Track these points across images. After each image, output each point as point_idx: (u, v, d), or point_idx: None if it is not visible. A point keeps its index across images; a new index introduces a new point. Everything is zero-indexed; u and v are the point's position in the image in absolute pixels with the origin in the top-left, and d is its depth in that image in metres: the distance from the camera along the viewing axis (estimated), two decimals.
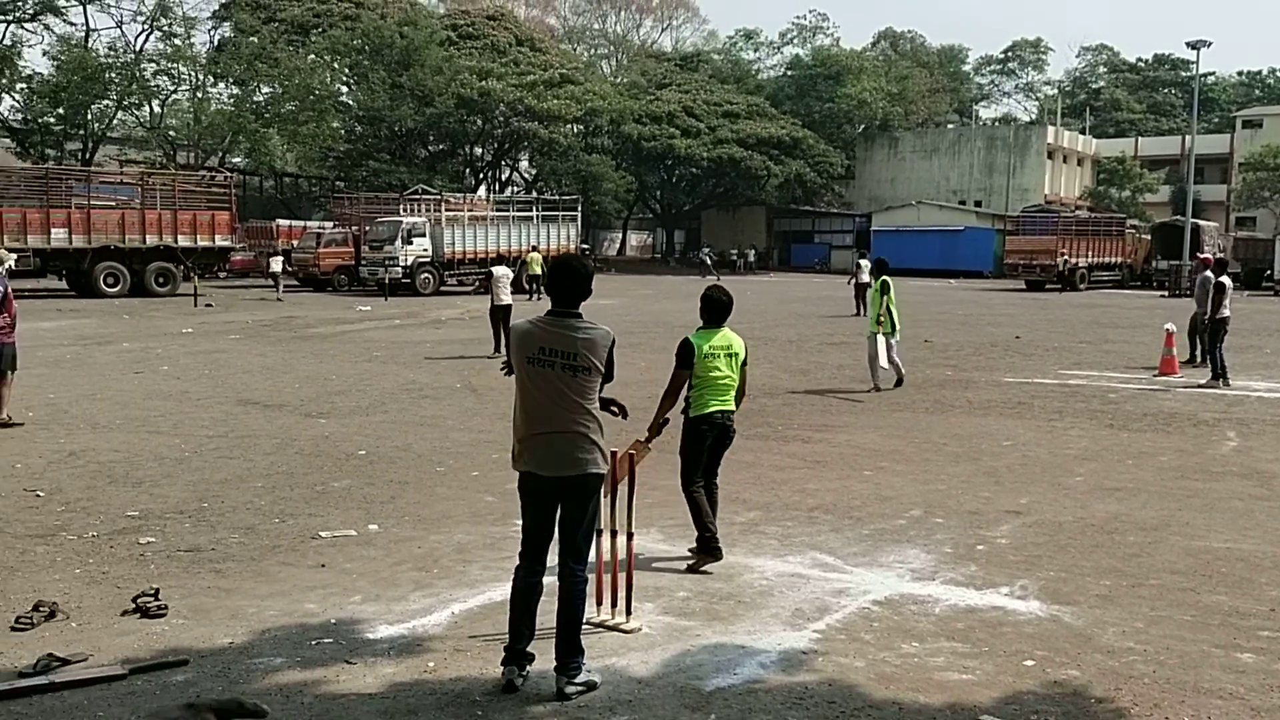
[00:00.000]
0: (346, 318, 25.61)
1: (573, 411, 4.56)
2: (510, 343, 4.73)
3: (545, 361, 4.53)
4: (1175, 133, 74.49)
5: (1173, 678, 4.76)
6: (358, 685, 4.57)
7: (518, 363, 4.62)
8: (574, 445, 4.57)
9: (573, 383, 4.54)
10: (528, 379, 4.59)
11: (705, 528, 6.40)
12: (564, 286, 4.64)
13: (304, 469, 8.92)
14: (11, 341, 10.79)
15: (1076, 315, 28.82)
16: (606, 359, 4.63)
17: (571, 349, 4.53)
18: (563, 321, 4.59)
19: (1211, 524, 7.44)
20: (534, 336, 4.57)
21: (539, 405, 4.58)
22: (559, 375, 4.53)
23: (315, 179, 59.31)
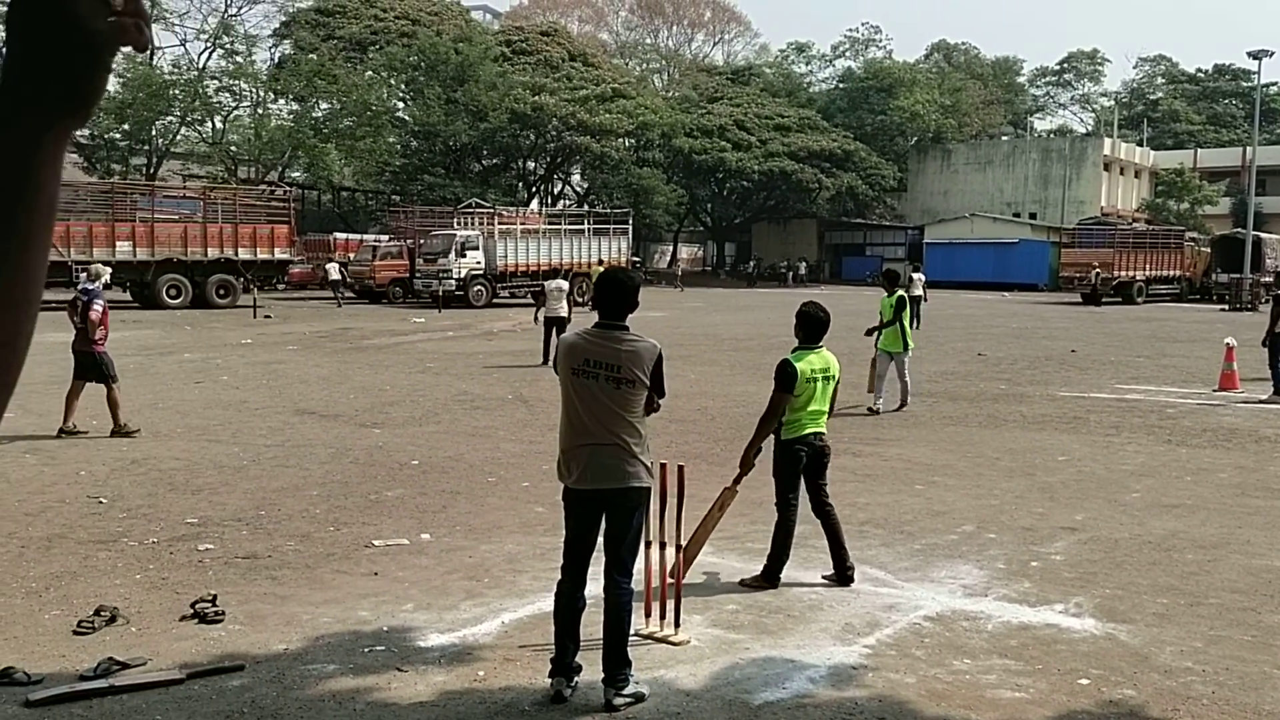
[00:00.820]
0: (401, 329, 25.90)
1: (616, 424, 4.57)
2: (558, 354, 4.77)
3: (590, 373, 4.56)
4: (1236, 144, 73.01)
5: (1232, 699, 4.67)
6: (409, 693, 4.62)
7: (564, 374, 4.64)
8: (616, 458, 4.58)
9: (616, 395, 4.55)
10: (573, 391, 4.62)
11: (784, 553, 6.30)
12: (610, 299, 4.67)
13: (358, 478, 9.04)
14: (106, 352, 11.19)
15: (1134, 329, 28.33)
16: (653, 373, 4.63)
17: (615, 361, 4.55)
18: (608, 334, 4.62)
19: (1273, 542, 7.28)
20: (580, 349, 4.61)
21: (583, 417, 4.60)
22: (602, 387, 4.55)
23: (371, 193, 60.14)
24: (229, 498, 8.28)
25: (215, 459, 9.80)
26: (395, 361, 18.55)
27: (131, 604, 5.73)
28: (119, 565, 6.49)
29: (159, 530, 7.29)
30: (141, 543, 6.98)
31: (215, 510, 7.86)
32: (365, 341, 22.48)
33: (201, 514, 7.75)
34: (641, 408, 4.65)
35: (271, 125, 49.24)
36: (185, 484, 8.76)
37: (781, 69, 79.32)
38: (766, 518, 7.82)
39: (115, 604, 5.63)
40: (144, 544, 6.95)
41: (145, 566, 6.47)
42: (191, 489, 8.58)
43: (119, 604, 5.65)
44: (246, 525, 7.45)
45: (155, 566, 6.47)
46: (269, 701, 4.51)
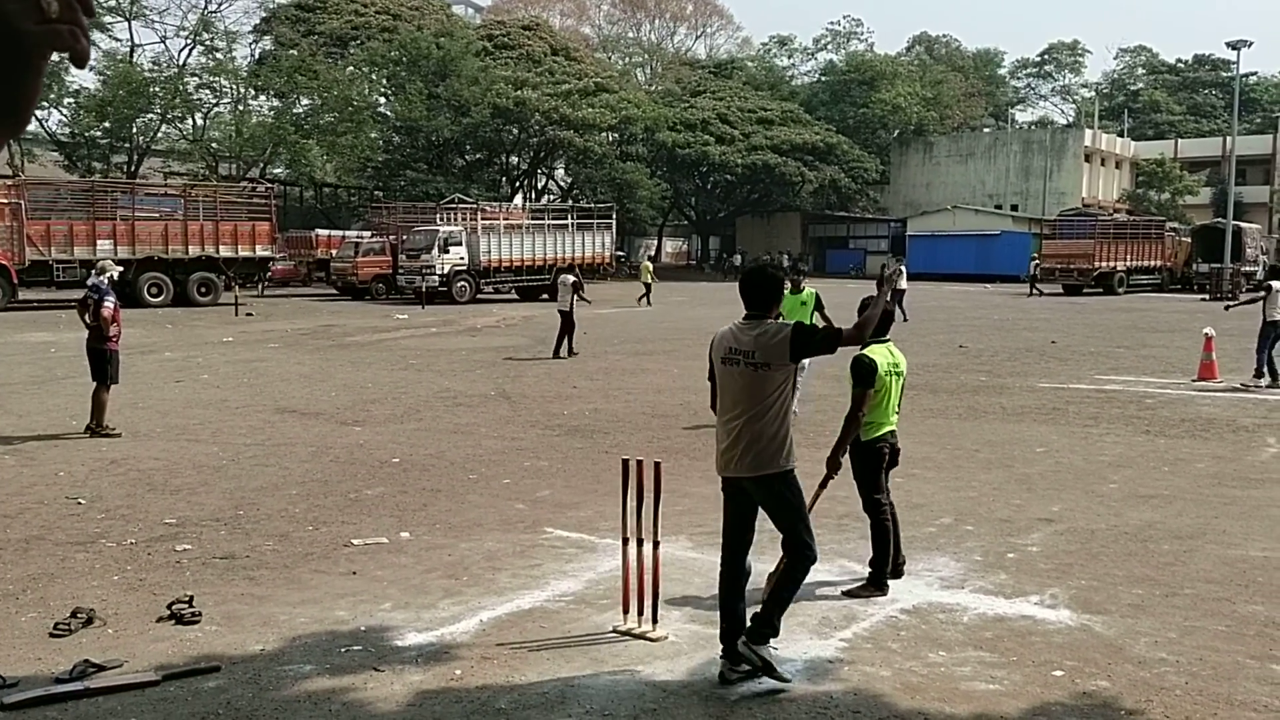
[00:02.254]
0: (384, 326, 25.83)
1: (757, 408, 4.81)
2: (711, 347, 5.09)
3: (733, 360, 4.88)
4: (1216, 134, 73.42)
5: (1206, 689, 4.70)
6: (385, 693, 4.62)
7: (715, 364, 5.02)
8: (757, 443, 4.81)
9: (754, 378, 4.81)
10: (721, 378, 4.97)
11: (898, 551, 6.24)
12: (752, 293, 4.98)
13: (338, 476, 9.03)
14: (119, 351, 11.15)
15: (1114, 319, 28.48)
16: (792, 343, 4.78)
17: (751, 348, 4.83)
18: (750, 324, 4.93)
19: (1249, 532, 7.34)
20: (726, 338, 4.97)
21: (728, 403, 4.92)
22: (744, 372, 4.84)
23: (354, 189, 59.88)
24: (208, 498, 8.25)
25: (194, 459, 9.77)
26: (377, 358, 18.51)
27: (109, 605, 5.71)
28: (96, 566, 6.46)
29: (137, 531, 7.26)
30: (119, 544, 6.96)
31: (194, 510, 7.83)
32: (347, 339, 22.42)
33: (180, 514, 7.72)
34: (781, 391, 4.84)
35: (252, 122, 48.99)
36: (164, 484, 8.72)
37: (764, 62, 79.38)
38: None
39: (92, 606, 5.61)
40: (122, 545, 6.93)
41: (123, 568, 6.45)
42: (170, 489, 8.55)
43: (96, 606, 5.63)
44: (225, 525, 7.43)
45: (133, 568, 6.45)
46: (244, 703, 4.50)
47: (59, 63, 1.32)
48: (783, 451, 4.84)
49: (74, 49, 0.97)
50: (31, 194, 30.97)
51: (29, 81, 0.99)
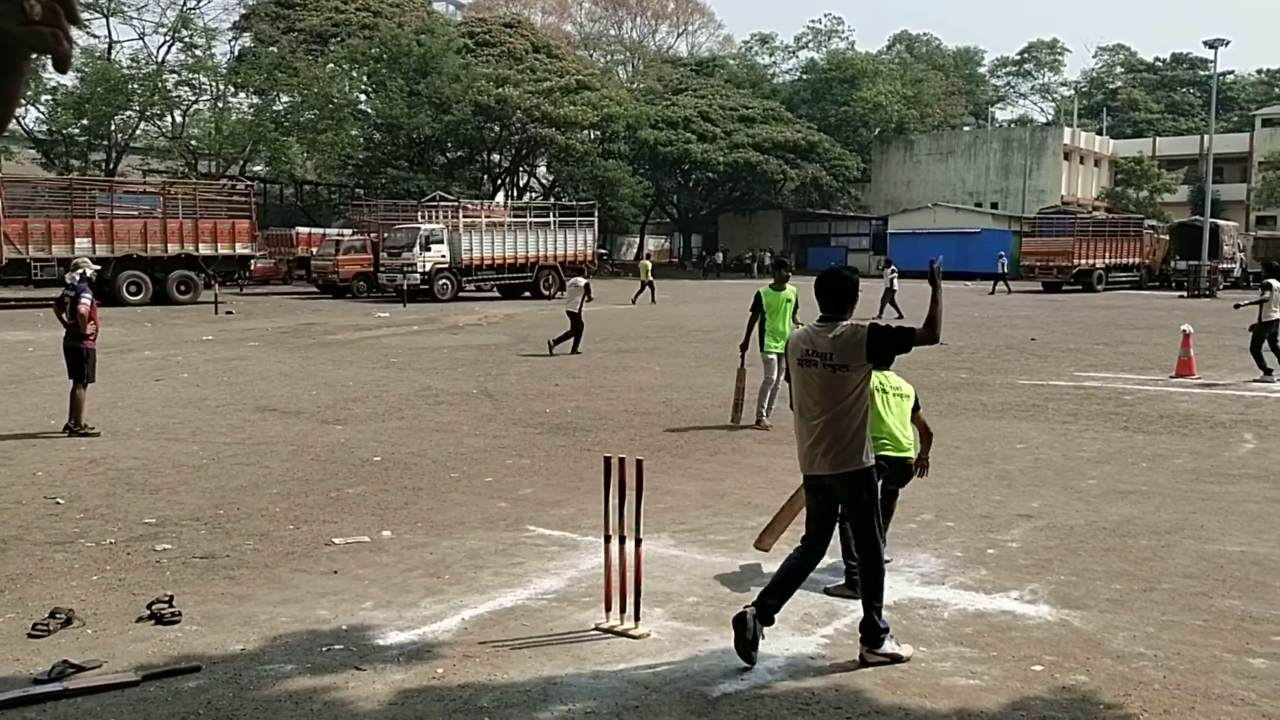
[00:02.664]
0: (365, 324, 25.75)
1: (837, 408, 4.93)
2: (787, 349, 5.26)
3: (811, 362, 5.02)
4: (1194, 132, 74.02)
5: (1183, 683, 4.74)
6: (366, 692, 4.61)
7: (792, 365, 5.17)
8: (839, 441, 4.95)
9: (833, 379, 4.94)
10: (800, 379, 5.11)
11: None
12: (827, 295, 5.13)
13: (319, 475, 8.99)
14: (95, 349, 11.07)
15: (1093, 317, 28.67)
16: (869, 343, 4.90)
17: (828, 349, 4.96)
18: (825, 326, 5.07)
19: (1226, 527, 7.40)
20: (803, 340, 5.13)
21: (808, 403, 5.06)
22: (822, 373, 4.98)
23: (334, 187, 59.66)
24: (188, 497, 8.21)
25: (174, 458, 9.71)
26: (358, 357, 18.44)
27: (88, 606, 5.67)
28: (75, 567, 6.42)
29: (116, 531, 7.22)
30: (98, 543, 6.91)
31: (173, 510, 7.79)
32: (328, 337, 22.33)
33: (160, 514, 7.68)
34: (859, 391, 4.95)
35: (232, 119, 48.71)
36: (143, 483, 8.67)
37: (745, 60, 79.53)
38: (729, 509, 7.88)
39: (71, 606, 5.57)
40: (101, 545, 6.88)
41: (102, 567, 6.41)
42: (150, 488, 8.50)
43: (75, 606, 5.60)
44: (205, 525, 7.39)
45: (112, 567, 6.41)
46: (225, 702, 4.48)
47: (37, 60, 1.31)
48: (863, 450, 4.98)
49: (56, 52, 0.97)
50: (9, 192, 30.72)
51: (10, 82, 1.00)
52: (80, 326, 10.80)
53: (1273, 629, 5.41)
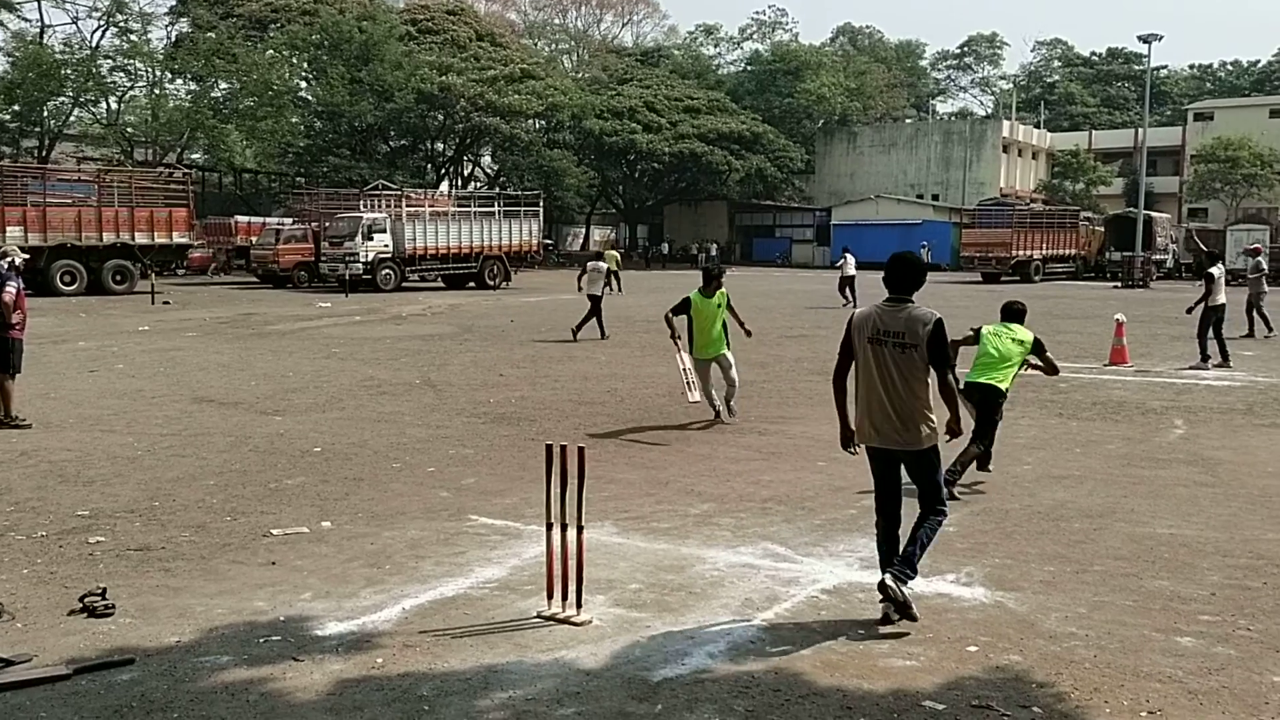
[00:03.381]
0: (306, 314, 25.43)
1: (904, 385, 5.24)
2: (852, 327, 5.45)
3: (881, 340, 5.27)
4: (1128, 126, 75.54)
5: (1113, 662, 4.85)
6: (304, 682, 4.57)
7: (859, 344, 5.38)
8: (904, 417, 5.26)
9: (901, 358, 5.23)
10: (870, 357, 5.33)
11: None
12: (898, 277, 5.39)
13: (257, 466, 8.87)
14: (22, 339, 10.77)
15: (1031, 306, 28.95)
16: (930, 339, 5.22)
17: (900, 328, 5.24)
18: (896, 306, 5.33)
19: (1156, 510, 7.58)
20: (872, 320, 5.36)
21: (876, 380, 5.30)
22: (892, 352, 5.24)
23: (274, 175, 58.79)
24: (122, 489, 8.06)
25: (108, 449, 9.52)
26: (299, 347, 18.22)
27: (18, 599, 5.55)
28: (5, 560, 6.27)
29: (48, 523, 7.06)
30: (30, 536, 6.76)
31: (107, 502, 7.64)
32: (268, 327, 22.02)
33: (93, 506, 7.53)
34: (925, 371, 5.26)
35: (169, 106, 47.79)
36: (76, 475, 8.50)
37: (690, 51, 79.69)
38: (672, 497, 7.91)
39: (0, 600, 5.45)
40: (32, 538, 6.73)
41: (33, 561, 6.27)
42: (83, 480, 8.33)
43: (4, 600, 5.47)
44: (140, 517, 7.26)
45: (43, 560, 6.28)
46: (159, 695, 4.41)
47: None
48: (928, 425, 5.30)
49: None
50: None
51: None
52: (4, 315, 10.53)
53: (1199, 608, 5.55)
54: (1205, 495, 8.04)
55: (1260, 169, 58.49)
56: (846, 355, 5.52)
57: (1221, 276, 15.76)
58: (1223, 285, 15.73)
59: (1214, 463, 9.23)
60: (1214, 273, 15.74)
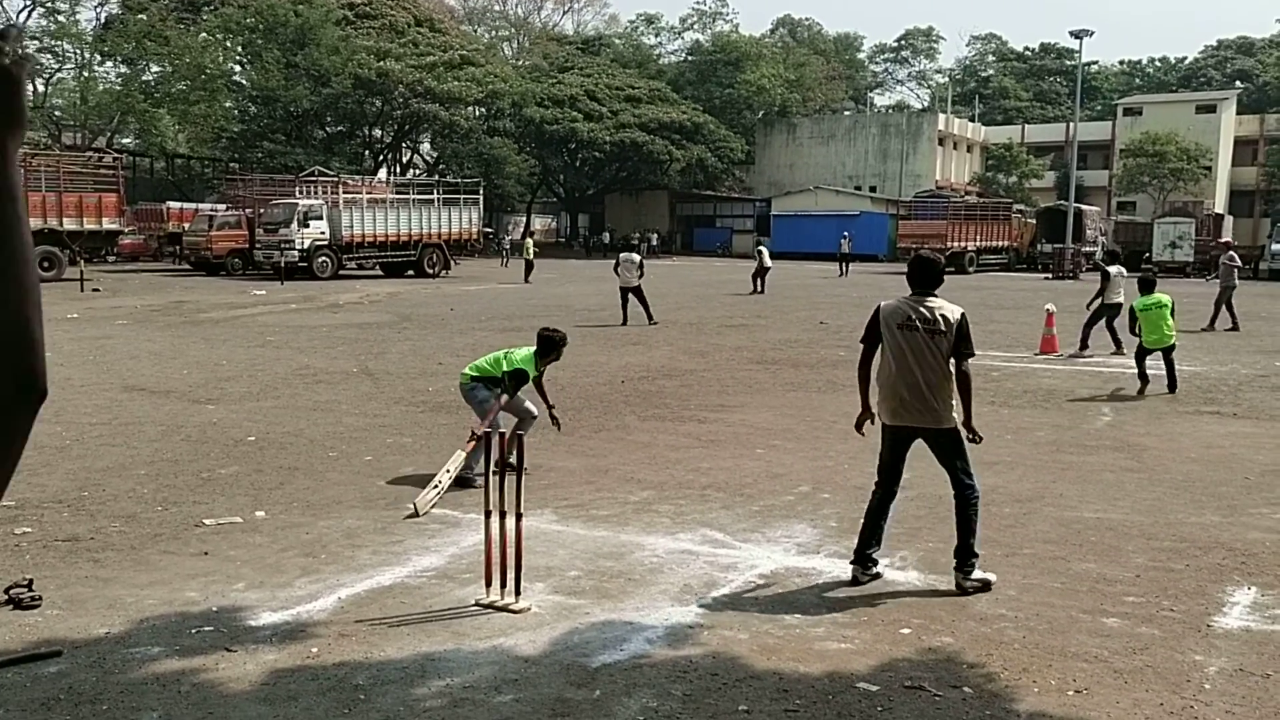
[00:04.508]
0: (240, 302, 25.00)
1: (932, 369, 5.66)
2: (880, 317, 5.82)
3: (911, 327, 5.69)
4: (1060, 120, 76.89)
5: (1041, 642, 4.97)
6: (237, 673, 4.51)
7: (888, 330, 5.76)
8: (931, 397, 5.66)
9: (931, 344, 5.67)
10: (902, 341, 5.71)
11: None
12: (922, 274, 5.87)
13: (190, 456, 8.72)
14: None
15: (964, 297, 29.46)
16: (958, 330, 5.69)
17: (931, 316, 5.69)
18: (924, 299, 5.80)
19: (1084, 495, 7.76)
20: (902, 310, 5.77)
21: (905, 364, 5.68)
22: (924, 338, 5.67)
23: (208, 160, 57.65)
24: (49, 479, 7.87)
25: (35, 438, 9.16)
26: (233, 335, 17.92)
27: None
28: None
29: None
30: None
31: (34, 492, 7.46)
32: (201, 315, 21.63)
33: (19, 496, 7.33)
34: (949, 356, 5.69)
35: (98, 89, 46.61)
36: None
37: (631, 40, 79.55)
38: (612, 485, 7.93)
39: None
40: None
41: None
42: None
43: None
44: (68, 507, 7.11)
45: None
46: (88, 687, 4.33)
47: None
48: (952, 408, 5.72)
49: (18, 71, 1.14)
50: None
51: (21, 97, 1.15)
52: None
53: (1125, 590, 5.70)
54: (1131, 480, 8.25)
55: (1186, 164, 59.92)
56: (871, 343, 5.93)
57: (1119, 276, 16.07)
58: (1120, 285, 15.99)
59: (1139, 449, 9.47)
60: (1111, 271, 16.14)
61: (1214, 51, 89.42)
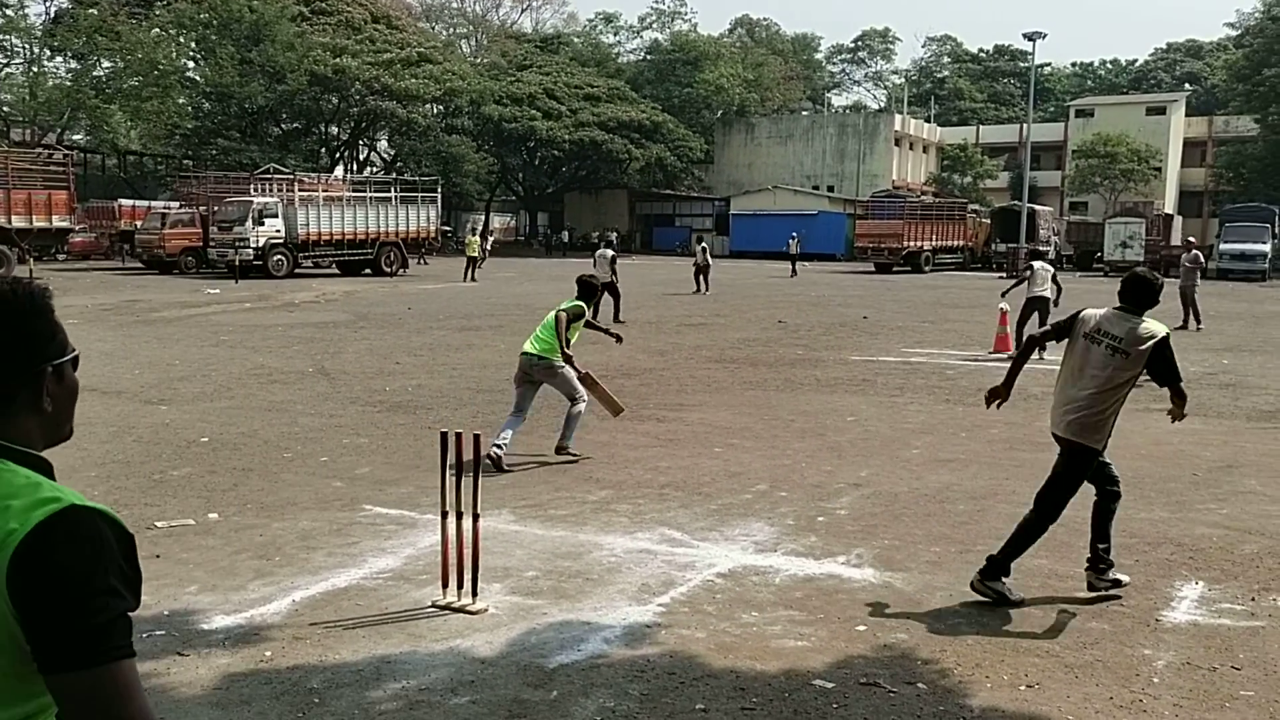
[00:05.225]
0: (194, 301, 24.66)
1: (1097, 386, 5.44)
2: (1077, 319, 5.68)
3: (1097, 339, 5.50)
4: (1014, 121, 77.86)
5: (994, 638, 5.03)
6: (189, 676, 4.45)
7: (1077, 336, 5.60)
8: (1085, 413, 5.46)
9: (1110, 360, 5.43)
10: (1079, 350, 5.57)
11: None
12: (1133, 292, 5.57)
13: (141, 457, 8.60)
14: None
15: (921, 296, 29.92)
16: (1154, 353, 5.40)
17: (1120, 333, 5.45)
18: (1123, 314, 5.55)
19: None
20: (1097, 319, 5.59)
21: (1075, 373, 5.55)
22: (1103, 354, 5.46)
23: (161, 158, 56.80)
24: None
25: None
26: (186, 334, 17.68)
27: None
28: None
29: None
30: None
31: None
32: (153, 314, 21.32)
33: None
34: (1126, 384, 5.48)
35: (48, 84, 45.73)
36: None
37: (590, 39, 79.50)
38: (570, 484, 7.91)
39: None
40: None
41: None
42: None
43: None
44: None
45: None
46: None
47: None
48: (1104, 432, 5.53)
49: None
50: None
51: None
52: None
53: (1075, 585, 5.78)
54: None
55: (1137, 164, 60.85)
56: (1057, 333, 5.79)
57: (1043, 271, 16.23)
58: (1045, 280, 16.09)
59: None
60: (1035, 265, 16.40)
61: (1163, 54, 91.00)
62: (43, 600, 1.45)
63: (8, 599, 1.45)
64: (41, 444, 1.63)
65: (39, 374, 1.61)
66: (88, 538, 1.48)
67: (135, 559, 1.56)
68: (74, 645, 1.44)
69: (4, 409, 1.58)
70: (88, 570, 1.47)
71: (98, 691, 1.45)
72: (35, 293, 1.63)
